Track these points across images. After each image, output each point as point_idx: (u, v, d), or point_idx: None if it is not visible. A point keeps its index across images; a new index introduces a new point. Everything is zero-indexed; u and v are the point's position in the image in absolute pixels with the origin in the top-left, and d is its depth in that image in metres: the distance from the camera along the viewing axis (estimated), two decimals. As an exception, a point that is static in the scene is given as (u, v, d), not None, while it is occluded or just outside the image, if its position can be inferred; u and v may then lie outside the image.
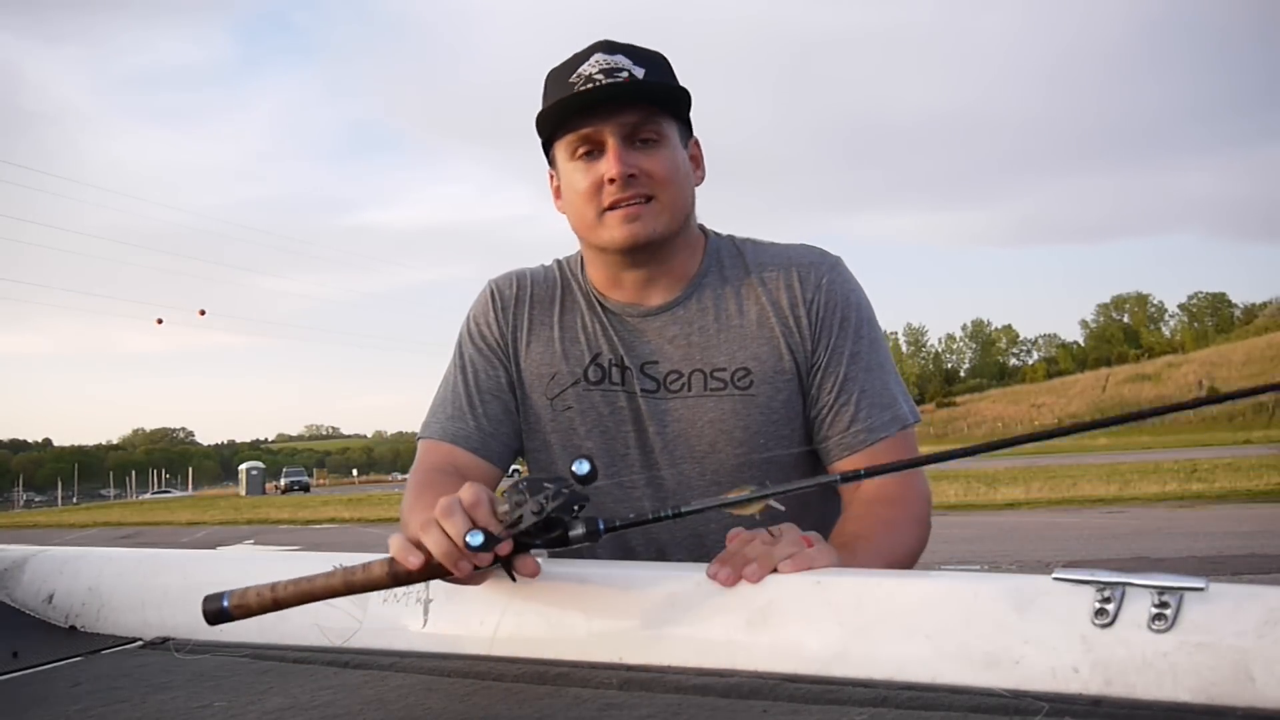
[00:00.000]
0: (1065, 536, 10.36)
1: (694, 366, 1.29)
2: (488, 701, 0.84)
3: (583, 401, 1.31)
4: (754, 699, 0.79)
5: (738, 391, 1.27)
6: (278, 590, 0.93)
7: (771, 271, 1.32)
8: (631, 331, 1.32)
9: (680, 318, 1.31)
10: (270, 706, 0.85)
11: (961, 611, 0.81)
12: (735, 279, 1.32)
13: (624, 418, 1.31)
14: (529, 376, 1.34)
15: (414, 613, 1.05)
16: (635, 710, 0.78)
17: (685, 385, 1.29)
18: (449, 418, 1.33)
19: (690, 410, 1.28)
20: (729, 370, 1.28)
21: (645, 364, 1.30)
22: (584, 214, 1.26)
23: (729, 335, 1.29)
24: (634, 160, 1.22)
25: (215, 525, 21.34)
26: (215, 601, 0.93)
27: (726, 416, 1.27)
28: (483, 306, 1.38)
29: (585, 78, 1.22)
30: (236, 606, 0.92)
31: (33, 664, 1.06)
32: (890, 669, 0.81)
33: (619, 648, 0.93)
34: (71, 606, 1.22)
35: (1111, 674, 0.73)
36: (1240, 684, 0.70)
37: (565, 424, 1.32)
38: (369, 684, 0.91)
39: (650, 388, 1.30)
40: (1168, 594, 0.74)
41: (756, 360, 1.28)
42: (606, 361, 1.31)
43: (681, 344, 1.30)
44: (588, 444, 1.31)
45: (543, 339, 1.34)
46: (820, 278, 1.30)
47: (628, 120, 1.22)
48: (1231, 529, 9.78)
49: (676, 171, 1.26)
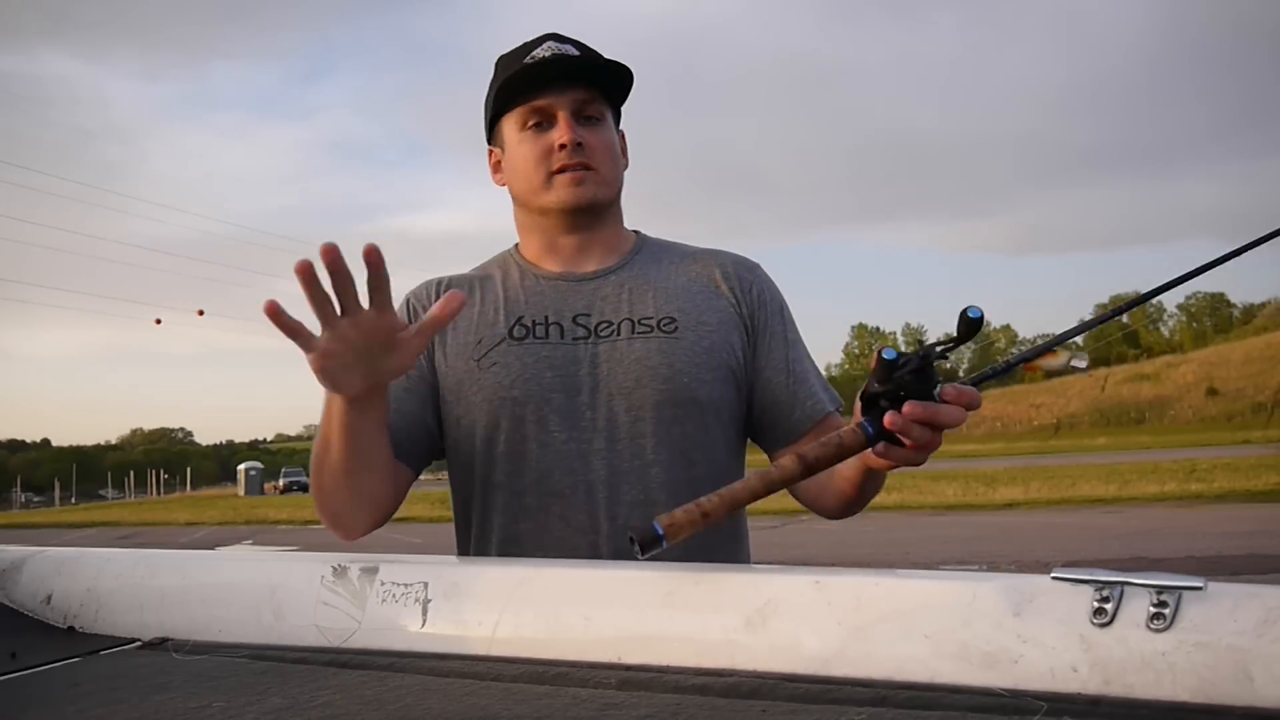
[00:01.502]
0: (1064, 536, 10.37)
1: (623, 316, 1.37)
2: (487, 701, 0.84)
3: (507, 355, 1.35)
4: (753, 699, 0.79)
5: (663, 334, 1.35)
6: (704, 506, 0.92)
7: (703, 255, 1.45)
8: (563, 292, 1.39)
9: (613, 281, 1.39)
10: (269, 707, 0.85)
11: (960, 611, 0.81)
12: (667, 258, 1.44)
13: (551, 364, 1.34)
14: (452, 351, 1.38)
15: (413, 612, 1.05)
16: (634, 710, 0.78)
17: (614, 331, 1.35)
18: None
19: (618, 351, 1.34)
20: (655, 318, 1.36)
21: (577, 315, 1.37)
22: (531, 178, 1.36)
23: (658, 292, 1.38)
24: (581, 134, 1.34)
25: (214, 526, 21.34)
26: (647, 530, 0.92)
27: (652, 354, 1.33)
28: (401, 312, 1.41)
29: (538, 60, 1.34)
30: (669, 528, 0.91)
31: (31, 665, 1.06)
32: (889, 668, 0.81)
33: (618, 647, 0.93)
34: (70, 607, 1.22)
35: (1110, 673, 0.73)
36: (1239, 684, 0.70)
37: (492, 379, 1.35)
38: (368, 684, 0.91)
39: (581, 335, 1.36)
40: (1166, 593, 0.74)
41: (681, 311, 1.36)
42: (530, 320, 1.37)
43: (613, 301, 1.38)
44: (514, 392, 1.33)
45: (465, 317, 1.39)
46: (755, 268, 1.45)
47: (577, 96, 1.35)
48: (1231, 529, 9.80)
49: (613, 149, 1.40)
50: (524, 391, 1.33)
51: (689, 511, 0.91)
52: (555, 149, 1.34)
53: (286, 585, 1.13)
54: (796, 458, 0.95)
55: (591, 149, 1.35)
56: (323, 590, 1.10)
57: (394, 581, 1.08)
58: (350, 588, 1.09)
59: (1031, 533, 10.75)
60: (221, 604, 1.15)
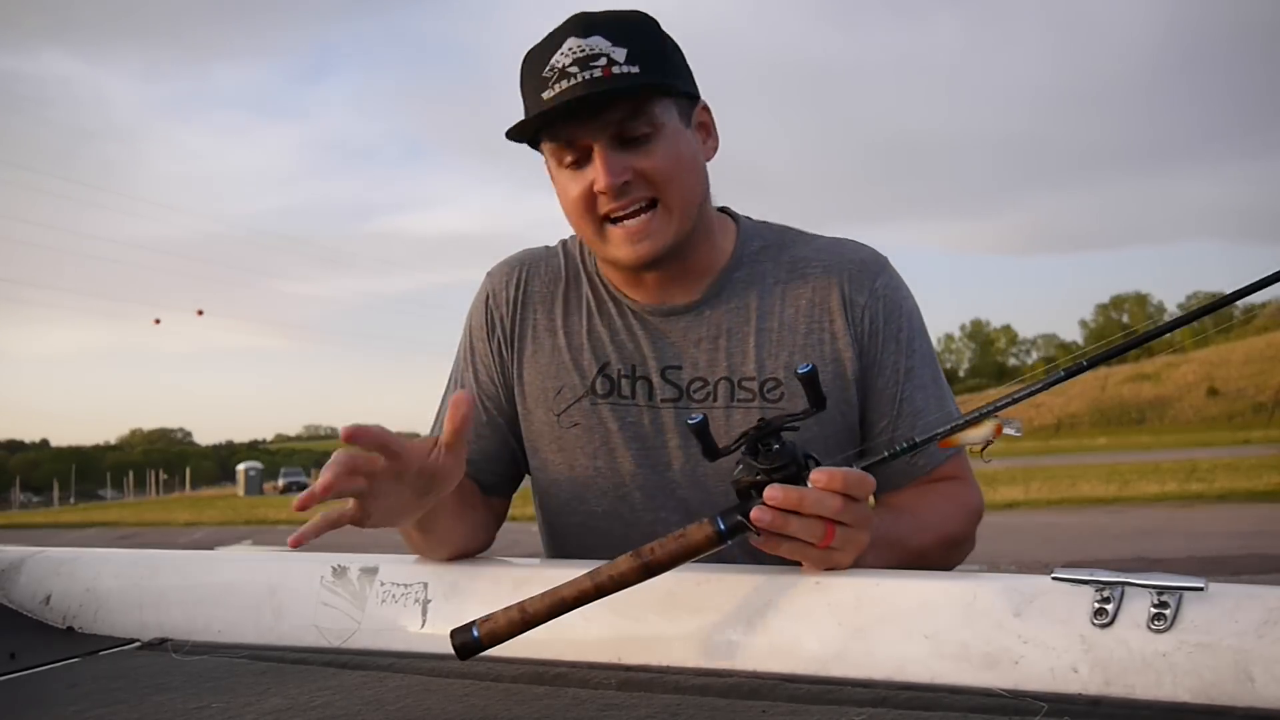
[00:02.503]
0: (1065, 536, 10.36)
1: (720, 375, 1.17)
2: (486, 702, 0.84)
3: (590, 418, 1.19)
4: (753, 699, 0.79)
5: (767, 404, 1.15)
6: (526, 608, 0.86)
7: (816, 268, 1.19)
8: (652, 333, 1.20)
9: (708, 319, 1.19)
10: (268, 707, 0.85)
11: (961, 611, 0.81)
12: (773, 275, 1.20)
13: (636, 434, 1.18)
14: (531, 390, 1.23)
15: (412, 613, 1.05)
16: (634, 710, 0.78)
17: (711, 395, 1.17)
18: None
19: (715, 424, 1.09)
20: (758, 380, 1.16)
21: (667, 369, 1.18)
22: (582, 228, 1.15)
23: (760, 340, 1.17)
24: (626, 163, 1.09)
25: (213, 526, 21.32)
26: (464, 634, 0.86)
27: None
28: (479, 316, 1.28)
29: (559, 71, 1.07)
30: (487, 634, 0.86)
31: (30, 665, 1.06)
32: (889, 669, 0.81)
33: (618, 648, 0.93)
34: (69, 607, 1.22)
35: (1111, 674, 0.73)
36: (1239, 684, 0.70)
37: (570, 442, 1.20)
38: (367, 684, 0.91)
39: (672, 395, 1.18)
40: (1167, 594, 0.74)
41: (788, 370, 1.15)
42: (616, 372, 1.19)
43: (708, 348, 1.18)
44: (596, 462, 1.19)
45: (545, 348, 1.23)
46: (874, 280, 1.19)
47: (614, 119, 1.08)
48: (1231, 529, 9.79)
49: (679, 164, 1.12)
50: (606, 463, 1.19)
51: (508, 612, 0.86)
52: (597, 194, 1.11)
53: (286, 585, 1.13)
54: (634, 556, 0.86)
55: (646, 178, 1.10)
56: (322, 590, 1.10)
57: (394, 581, 1.08)
58: (350, 588, 1.09)
59: (1031, 533, 10.75)
60: (221, 604, 1.15)
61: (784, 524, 0.85)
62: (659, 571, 0.86)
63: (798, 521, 0.85)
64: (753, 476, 0.87)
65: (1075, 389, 74.90)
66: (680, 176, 1.12)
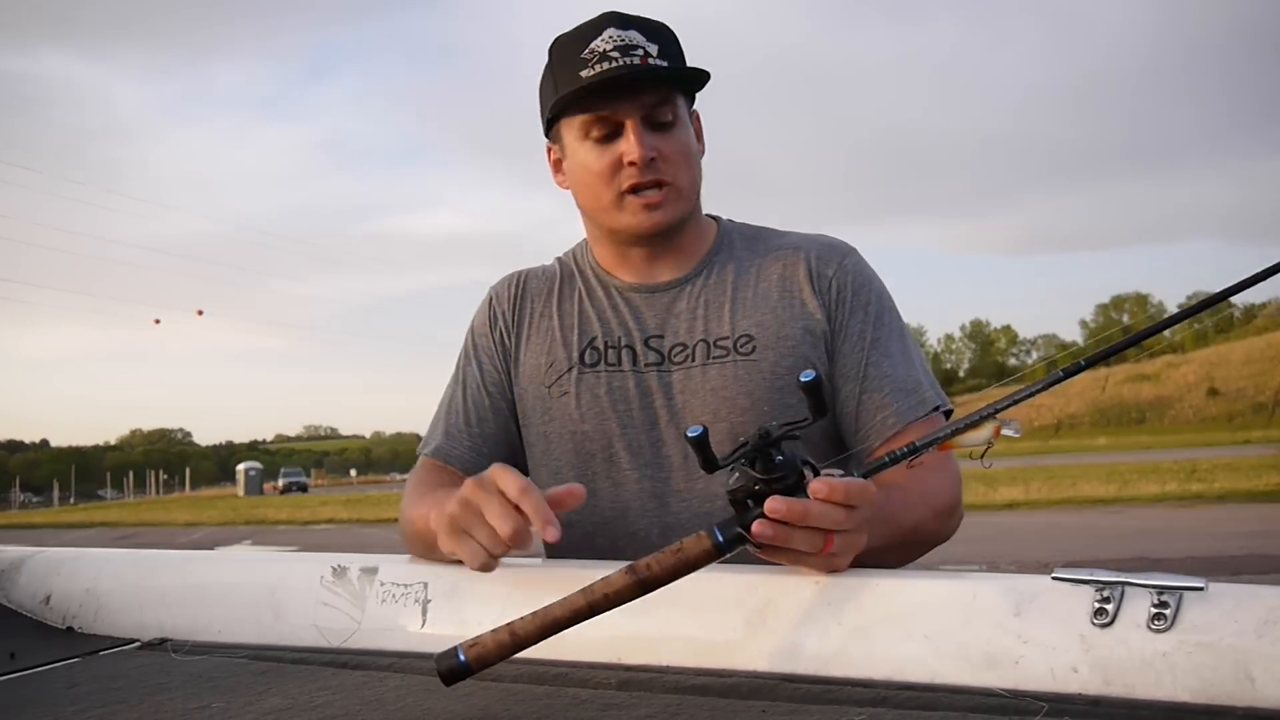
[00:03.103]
0: (1065, 536, 10.37)
1: (698, 338, 1.26)
2: (486, 702, 0.84)
3: (579, 385, 1.27)
4: (753, 699, 0.79)
5: (740, 358, 1.23)
6: (516, 629, 0.83)
7: (787, 250, 1.30)
8: (636, 308, 1.30)
9: (688, 294, 1.29)
10: (268, 707, 0.85)
11: (961, 611, 0.81)
12: (748, 258, 1.31)
13: (621, 396, 1.26)
14: (526, 370, 1.31)
15: (413, 613, 1.05)
16: (634, 710, 0.78)
17: (689, 357, 1.25)
18: (444, 435, 1.31)
19: (693, 381, 1.24)
20: (731, 338, 1.24)
21: (650, 338, 1.27)
22: (600, 196, 1.24)
23: (735, 307, 1.26)
24: (652, 143, 1.21)
25: (213, 526, 21.33)
26: (449, 659, 0.83)
27: (729, 383, 1.22)
28: (481, 315, 1.37)
29: (600, 54, 1.19)
30: (475, 659, 0.83)
31: (30, 665, 1.06)
32: (889, 669, 0.81)
33: (618, 647, 0.93)
34: (69, 607, 1.22)
35: (1111, 674, 0.73)
36: (1240, 684, 0.70)
37: (559, 410, 1.27)
38: (367, 684, 0.91)
39: (655, 360, 1.26)
40: (1167, 594, 0.74)
41: (760, 326, 1.24)
42: (602, 344, 1.28)
43: (687, 318, 1.27)
44: (584, 426, 1.26)
45: (542, 330, 1.32)
46: (842, 258, 1.29)
47: (647, 102, 1.20)
48: (1231, 529, 9.80)
49: (689, 153, 1.25)
50: (594, 426, 1.25)
51: (498, 634, 0.83)
52: (624, 164, 1.21)
53: (286, 585, 1.13)
54: (630, 572, 0.83)
55: (666, 160, 1.22)
56: (322, 590, 1.10)
57: (394, 582, 1.08)
58: (350, 588, 1.09)
59: (1031, 533, 10.76)
60: (221, 604, 1.15)
61: (786, 538, 0.83)
62: (655, 587, 0.83)
63: (799, 534, 0.84)
64: (751, 485, 0.84)
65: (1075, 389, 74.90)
66: (690, 164, 1.26)
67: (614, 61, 1.19)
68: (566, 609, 0.83)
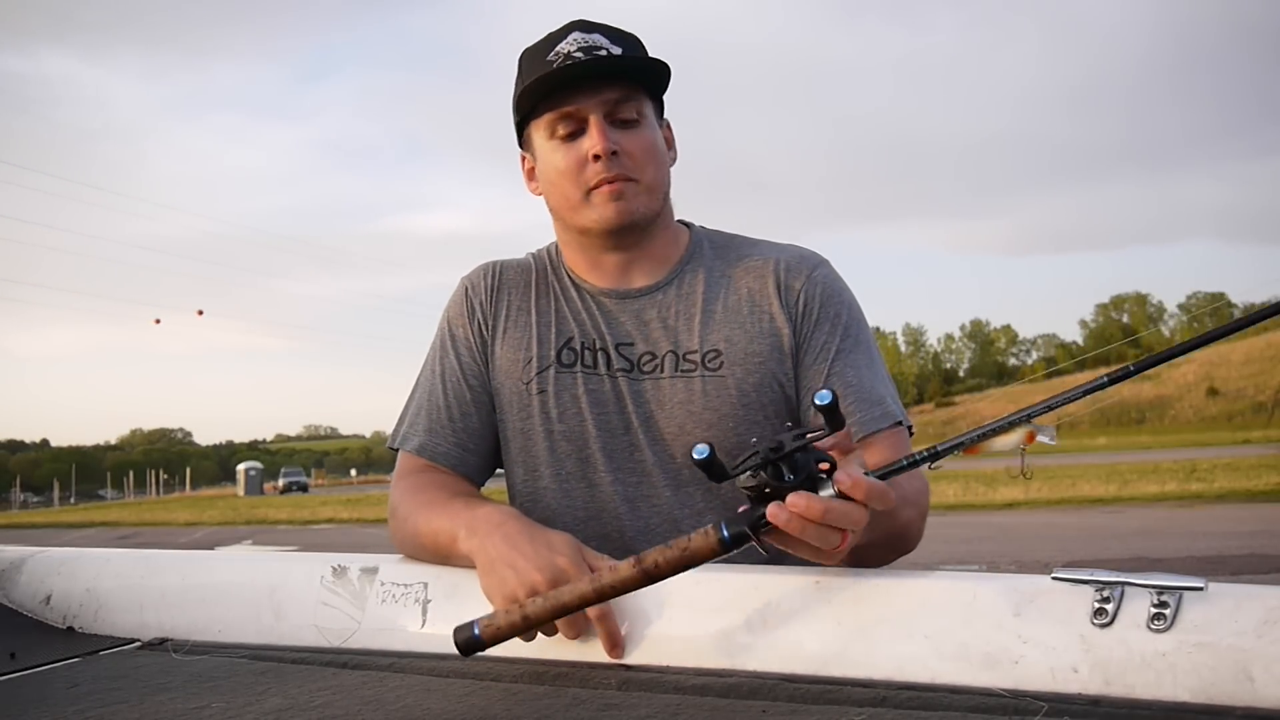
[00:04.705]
0: (1064, 536, 10.36)
1: (667, 349, 1.26)
2: (486, 702, 0.84)
3: (557, 384, 1.27)
4: (753, 699, 0.79)
5: (707, 373, 1.24)
6: (528, 610, 0.88)
7: (757, 260, 1.30)
8: (608, 313, 1.30)
9: (659, 302, 1.29)
10: (268, 707, 0.85)
11: (961, 611, 0.81)
12: (719, 268, 1.31)
13: (598, 399, 1.26)
14: (503, 364, 1.31)
15: (413, 613, 1.05)
16: (634, 710, 0.78)
17: (658, 367, 1.26)
18: (426, 430, 1.30)
19: (661, 392, 1.25)
20: (700, 352, 1.25)
21: (620, 344, 1.28)
22: (568, 194, 1.25)
23: (705, 319, 1.27)
24: (616, 138, 1.21)
25: (213, 526, 21.32)
26: (466, 631, 0.89)
27: (695, 398, 1.23)
28: (458, 306, 1.36)
29: (564, 55, 1.21)
30: (489, 633, 0.88)
31: (30, 665, 1.06)
32: (889, 669, 0.81)
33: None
34: (69, 607, 1.22)
35: (1110, 674, 0.73)
36: (1239, 684, 0.70)
37: (539, 407, 1.27)
38: (367, 684, 0.91)
39: (624, 367, 1.27)
40: (1167, 594, 0.74)
41: (728, 342, 1.25)
42: (579, 345, 1.29)
43: (658, 327, 1.28)
44: (560, 426, 1.26)
45: (520, 324, 1.32)
46: (811, 270, 1.29)
47: (609, 97, 1.21)
48: (1231, 529, 9.79)
49: (656, 151, 1.26)
50: (571, 426, 1.26)
51: (510, 613, 0.89)
52: (589, 160, 1.22)
53: (286, 585, 1.13)
54: (635, 562, 0.86)
55: (630, 155, 1.22)
56: (322, 590, 1.10)
57: (394, 582, 1.08)
58: (350, 588, 1.09)
59: (1031, 533, 10.75)
60: (221, 604, 1.15)
61: (801, 528, 0.82)
62: (660, 579, 0.86)
63: (815, 529, 0.82)
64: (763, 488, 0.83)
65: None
66: (656, 162, 1.26)
67: (577, 60, 1.21)
68: (575, 595, 0.87)
